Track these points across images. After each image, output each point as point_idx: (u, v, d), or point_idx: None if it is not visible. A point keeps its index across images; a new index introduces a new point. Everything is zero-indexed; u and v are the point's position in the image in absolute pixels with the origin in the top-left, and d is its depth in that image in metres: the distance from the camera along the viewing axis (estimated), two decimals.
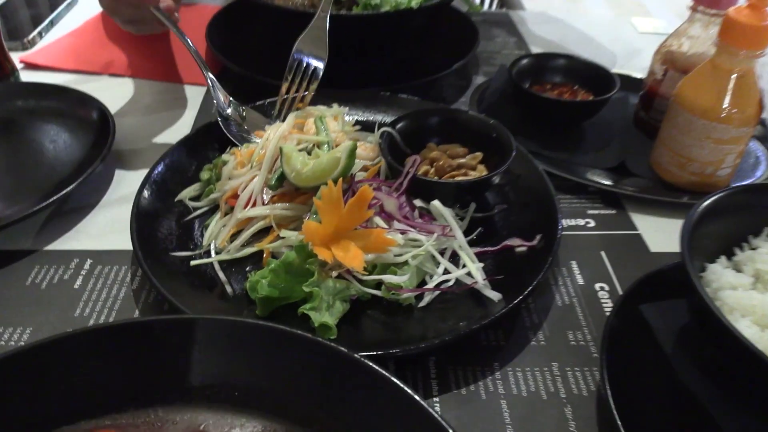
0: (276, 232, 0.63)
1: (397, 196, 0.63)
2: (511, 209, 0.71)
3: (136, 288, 0.63)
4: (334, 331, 0.54)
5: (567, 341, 0.59)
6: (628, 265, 0.68)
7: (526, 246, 0.64)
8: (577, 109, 0.86)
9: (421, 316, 0.58)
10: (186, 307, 0.54)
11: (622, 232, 0.73)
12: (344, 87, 0.88)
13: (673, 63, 0.84)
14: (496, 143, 0.72)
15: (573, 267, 0.68)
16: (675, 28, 0.86)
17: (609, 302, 0.64)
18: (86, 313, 0.60)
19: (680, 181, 0.78)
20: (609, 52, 1.15)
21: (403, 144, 0.73)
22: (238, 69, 0.94)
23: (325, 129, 0.68)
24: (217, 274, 0.61)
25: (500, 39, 1.17)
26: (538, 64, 0.93)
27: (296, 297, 0.57)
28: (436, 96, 0.97)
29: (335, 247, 0.57)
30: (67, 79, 0.97)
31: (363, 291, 0.57)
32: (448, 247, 0.63)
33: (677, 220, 0.75)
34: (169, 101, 0.94)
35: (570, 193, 0.79)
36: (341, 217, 0.57)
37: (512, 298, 0.57)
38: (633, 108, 0.95)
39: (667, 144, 0.78)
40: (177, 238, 0.65)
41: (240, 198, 0.64)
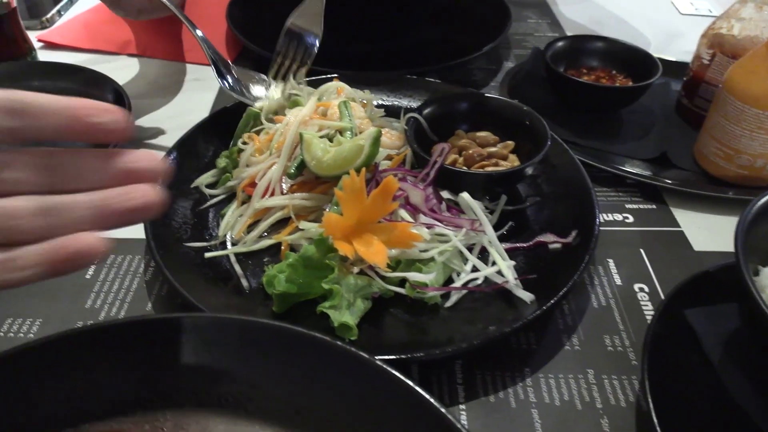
0: (295, 223, 0.60)
1: (423, 188, 0.59)
2: (544, 202, 0.67)
3: (149, 279, 0.60)
4: (354, 332, 0.50)
5: (604, 346, 0.55)
6: (670, 265, 0.64)
7: (561, 243, 0.60)
8: (615, 95, 0.81)
9: (447, 316, 0.54)
10: (199, 302, 0.51)
11: (663, 229, 0.68)
12: (368, 69, 0.84)
13: (721, 47, 0.79)
14: (529, 131, 0.68)
15: (610, 266, 0.63)
16: (722, 10, 0.80)
17: (649, 305, 0.59)
18: (97, 304, 0.57)
19: (726, 175, 0.73)
20: (648, 35, 1.09)
21: (429, 131, 0.69)
22: (258, 49, 0.90)
23: (350, 114, 0.65)
24: (233, 267, 0.58)
25: (533, 20, 1.12)
26: (574, 46, 0.88)
27: (315, 293, 0.54)
28: (464, 80, 0.92)
29: (357, 241, 0.54)
30: (84, 59, 0.94)
31: (386, 288, 0.54)
32: (476, 243, 0.59)
33: (723, 216, 0.70)
34: (187, 82, 0.91)
35: (606, 186, 0.74)
36: (364, 209, 0.54)
37: (546, 300, 0.53)
38: (674, 95, 0.89)
39: (713, 134, 0.73)
40: (192, 227, 0.62)
41: (258, 187, 0.61)
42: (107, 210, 0.35)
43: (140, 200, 0.35)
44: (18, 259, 0.33)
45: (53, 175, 0.34)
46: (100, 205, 0.35)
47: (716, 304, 0.56)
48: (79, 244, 0.34)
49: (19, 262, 0.33)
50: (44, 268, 0.34)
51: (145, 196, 0.35)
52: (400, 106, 0.80)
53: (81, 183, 0.34)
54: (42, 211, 0.33)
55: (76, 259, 0.34)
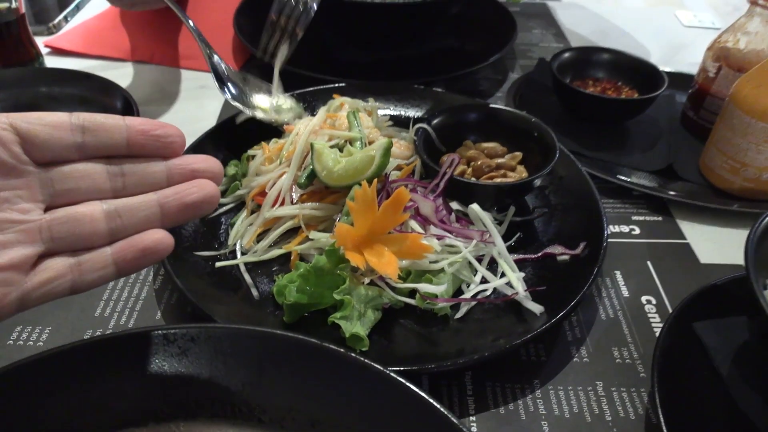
0: (305, 233, 0.60)
1: (433, 198, 0.59)
2: (551, 214, 0.67)
3: (159, 288, 0.60)
4: (366, 343, 0.50)
5: (612, 359, 0.55)
6: (677, 277, 0.64)
7: (569, 254, 0.60)
8: (622, 107, 0.81)
9: (457, 327, 0.55)
10: (209, 311, 0.51)
11: (670, 241, 0.69)
12: (375, 79, 0.84)
13: (727, 60, 0.79)
14: (537, 142, 0.68)
15: (617, 278, 0.64)
16: (725, 23, 0.81)
17: (656, 317, 0.60)
18: (107, 313, 0.57)
19: (732, 187, 0.74)
20: (652, 46, 1.10)
21: (438, 141, 0.69)
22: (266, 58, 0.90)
23: (359, 124, 0.65)
24: (243, 276, 0.58)
25: (538, 31, 1.12)
26: (580, 58, 0.88)
27: (326, 304, 0.54)
28: (470, 90, 0.93)
29: (368, 252, 0.54)
30: (92, 65, 0.95)
31: (396, 299, 0.54)
32: (486, 254, 0.59)
33: (728, 229, 0.71)
34: (194, 90, 0.91)
35: (612, 197, 0.75)
36: (375, 219, 0.54)
37: (555, 312, 0.53)
38: (679, 107, 0.90)
39: (719, 147, 0.73)
40: (201, 236, 0.62)
41: (268, 196, 0.61)
42: (170, 207, 0.37)
43: (199, 194, 0.38)
44: (90, 261, 0.36)
45: (118, 181, 0.37)
46: (163, 202, 0.37)
47: (724, 317, 0.56)
48: (147, 241, 0.37)
49: (91, 264, 0.36)
50: (115, 267, 0.37)
51: (203, 191, 0.38)
52: (407, 116, 0.80)
53: (144, 187, 0.38)
54: (109, 215, 0.36)
55: (146, 255, 0.37)
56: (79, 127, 0.36)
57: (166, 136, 0.38)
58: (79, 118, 0.37)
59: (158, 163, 0.38)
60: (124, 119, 0.38)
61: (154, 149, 0.39)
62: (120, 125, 0.37)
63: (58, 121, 0.36)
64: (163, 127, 0.39)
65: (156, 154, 0.39)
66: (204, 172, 0.39)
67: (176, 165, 0.38)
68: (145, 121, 0.38)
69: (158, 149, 0.39)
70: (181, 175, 0.38)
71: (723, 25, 1.17)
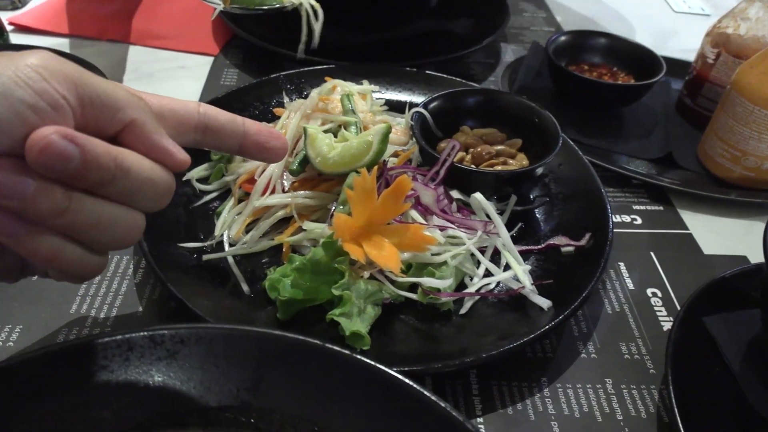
0: (297, 223, 0.56)
1: (434, 187, 0.56)
2: (553, 203, 0.65)
3: (140, 282, 0.56)
4: (367, 341, 0.47)
5: (620, 354, 0.53)
6: (681, 269, 0.62)
7: (574, 246, 0.58)
8: (620, 92, 0.79)
9: (460, 323, 0.52)
10: (196, 308, 0.48)
11: (672, 231, 0.67)
12: (364, 60, 0.81)
13: (726, 46, 0.78)
14: (538, 129, 0.65)
15: (621, 269, 0.62)
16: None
17: (663, 310, 0.58)
18: (83, 309, 0.53)
19: (731, 176, 0.72)
20: (642, 32, 1.08)
21: (434, 126, 0.66)
22: (249, 37, 0.86)
23: (353, 108, 0.61)
24: (231, 270, 0.54)
25: (528, 13, 1.09)
26: (576, 42, 0.86)
27: (322, 299, 0.50)
28: (461, 74, 0.89)
29: (367, 244, 0.50)
30: (61, 43, 0.89)
31: (397, 294, 0.51)
32: (489, 245, 0.56)
33: (730, 219, 0.69)
34: (172, 71, 0.86)
35: (612, 186, 0.72)
36: (374, 209, 0.51)
37: (563, 308, 0.51)
38: (674, 93, 0.88)
39: (719, 135, 0.72)
40: (185, 226, 0.58)
41: (257, 183, 0.57)
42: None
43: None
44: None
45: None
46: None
47: (734, 310, 0.55)
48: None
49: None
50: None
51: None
52: (399, 100, 0.77)
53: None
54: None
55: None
56: (202, 126, 0.40)
57: (276, 148, 0.44)
58: (206, 115, 0.40)
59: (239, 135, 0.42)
60: (243, 123, 0.42)
61: (258, 154, 0.44)
62: (238, 133, 0.42)
63: (185, 115, 0.39)
64: (276, 138, 0.43)
65: (257, 157, 0.44)
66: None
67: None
68: (260, 130, 0.43)
69: (261, 155, 0.44)
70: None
71: (713, 12, 1.17)
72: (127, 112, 0.35)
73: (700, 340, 0.52)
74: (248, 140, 0.42)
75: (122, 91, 0.35)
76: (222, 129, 0.41)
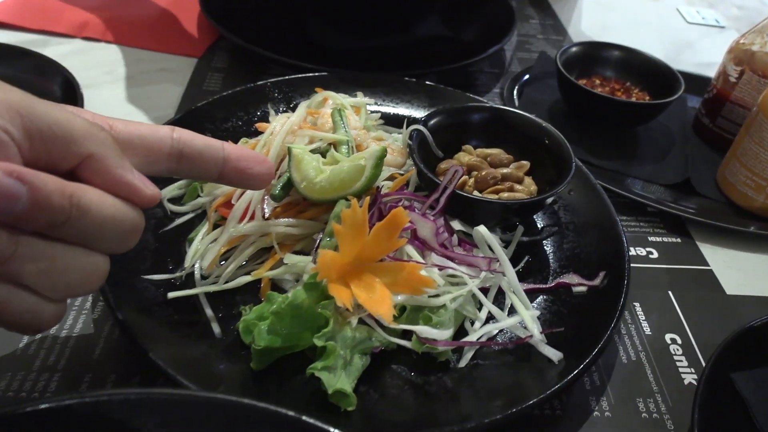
0: (278, 255, 0.50)
1: (433, 218, 0.50)
2: (563, 234, 0.59)
3: (98, 318, 0.49)
4: (352, 401, 0.41)
5: (638, 412, 0.47)
6: (702, 311, 0.56)
7: (587, 285, 0.52)
8: (637, 111, 0.73)
9: (460, 376, 0.46)
10: (159, 356, 0.41)
11: (691, 267, 0.61)
12: (359, 68, 0.74)
13: (751, 64, 0.72)
14: (548, 151, 0.59)
15: (637, 311, 0.56)
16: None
17: (683, 360, 0.52)
18: (32, 349, 0.47)
19: (753, 206, 0.66)
20: (655, 44, 1.02)
21: (434, 146, 0.59)
22: (236, 39, 0.79)
23: (345, 125, 0.55)
24: (202, 308, 0.48)
25: (535, 21, 1.03)
26: (587, 53, 0.80)
27: (303, 346, 0.44)
28: (465, 85, 0.84)
29: (356, 285, 0.44)
30: (30, 40, 0.82)
31: (388, 341, 0.45)
32: (492, 285, 0.50)
33: (752, 254, 0.64)
34: (151, 73, 0.80)
35: (626, 214, 0.67)
36: (365, 244, 0.45)
37: (576, 361, 0.45)
38: (691, 111, 0.82)
39: (742, 161, 0.66)
40: (153, 253, 0.52)
41: (234, 208, 0.51)
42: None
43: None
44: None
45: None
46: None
47: (765, 365, 0.49)
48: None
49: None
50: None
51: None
52: (396, 113, 0.70)
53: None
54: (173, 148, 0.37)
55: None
56: (176, 153, 0.36)
57: (261, 174, 0.40)
58: (180, 141, 0.36)
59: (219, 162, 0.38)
60: (223, 148, 0.38)
61: (240, 182, 0.40)
62: (217, 159, 0.38)
63: (157, 142, 0.36)
64: (261, 164, 0.40)
65: (239, 185, 0.41)
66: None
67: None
68: (242, 154, 0.39)
69: (244, 182, 0.40)
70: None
71: (727, 24, 1.11)
72: (84, 145, 0.31)
73: (728, 400, 0.46)
74: (229, 167, 0.38)
75: (78, 120, 0.31)
76: (199, 156, 0.37)
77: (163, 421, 0.33)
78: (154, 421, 0.33)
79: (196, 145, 0.37)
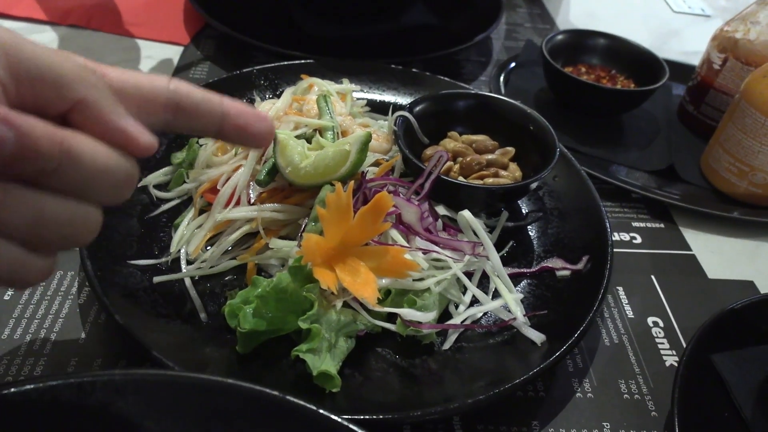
0: (264, 239, 0.50)
1: (417, 203, 0.50)
2: (547, 219, 0.59)
3: (84, 303, 0.50)
4: (337, 382, 0.42)
5: (619, 393, 0.48)
6: (685, 295, 0.57)
7: (571, 270, 0.53)
8: (622, 98, 0.74)
9: (444, 358, 0.46)
10: (145, 339, 0.42)
11: (674, 252, 0.62)
12: (345, 56, 0.74)
13: (734, 52, 0.72)
14: (532, 138, 0.60)
15: (620, 295, 0.56)
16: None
17: (665, 342, 0.53)
18: (17, 334, 0.47)
19: (736, 192, 0.67)
20: (641, 32, 1.02)
21: (420, 132, 0.60)
22: (222, 27, 0.79)
23: (330, 111, 0.55)
24: (188, 292, 0.48)
25: (523, 10, 1.04)
26: (573, 42, 0.81)
27: (288, 329, 0.45)
28: (452, 72, 0.84)
29: (340, 269, 0.45)
30: (15, 27, 0.81)
31: (373, 324, 0.45)
32: (477, 269, 0.51)
33: (734, 239, 0.65)
34: (137, 61, 0.79)
35: (610, 200, 0.67)
36: (349, 229, 0.45)
37: (558, 343, 0.45)
38: (676, 99, 0.83)
39: (725, 147, 0.67)
40: (138, 238, 0.52)
41: (220, 194, 0.51)
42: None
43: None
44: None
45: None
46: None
47: (745, 346, 0.50)
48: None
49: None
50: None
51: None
52: (382, 100, 0.71)
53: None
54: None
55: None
56: (173, 105, 0.34)
57: (261, 132, 0.37)
58: (177, 93, 0.34)
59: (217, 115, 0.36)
60: (222, 103, 0.36)
61: (239, 139, 0.37)
62: (216, 114, 0.35)
63: (153, 92, 0.34)
64: (262, 120, 0.37)
65: (239, 142, 0.39)
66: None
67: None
68: (242, 110, 0.36)
69: (244, 140, 0.37)
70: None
71: (713, 13, 1.12)
72: (75, 89, 0.30)
73: (708, 381, 0.47)
74: (228, 122, 0.36)
75: (70, 63, 0.30)
76: (196, 108, 0.35)
77: (148, 401, 0.33)
78: (139, 401, 0.33)
79: (194, 97, 0.35)
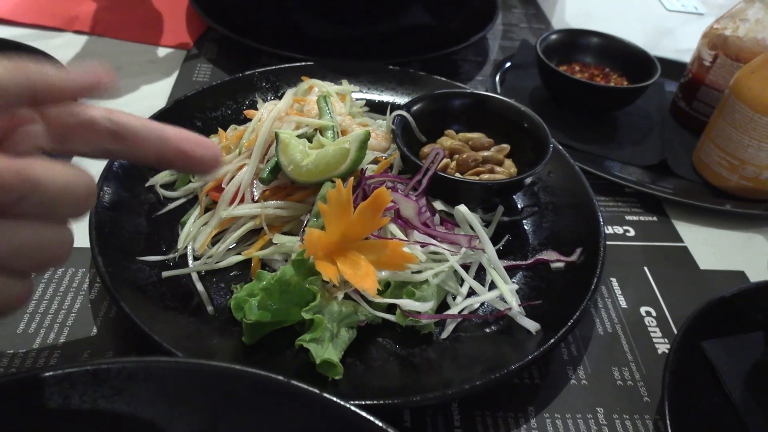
0: (267, 236, 0.52)
1: (415, 198, 0.52)
2: (542, 213, 0.61)
3: (95, 298, 0.51)
4: (339, 370, 0.43)
5: (612, 380, 0.50)
6: (677, 286, 0.59)
7: (565, 261, 0.54)
8: (615, 95, 0.75)
9: (442, 347, 0.48)
10: (154, 332, 0.43)
11: (667, 244, 0.64)
12: (343, 57, 0.76)
13: (724, 48, 0.74)
14: (527, 135, 0.61)
15: (614, 285, 0.58)
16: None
17: (657, 331, 0.54)
18: (32, 328, 0.49)
19: (727, 185, 0.69)
20: (635, 31, 1.04)
21: (417, 130, 0.62)
22: (224, 31, 0.81)
23: (330, 111, 0.57)
24: (195, 287, 0.50)
25: (518, 10, 1.05)
26: (567, 41, 0.82)
27: (292, 321, 0.46)
28: (449, 72, 0.85)
29: (341, 262, 0.46)
30: (23, 34, 0.83)
31: (373, 315, 0.47)
32: (473, 262, 0.52)
33: (725, 231, 0.66)
34: (142, 65, 0.81)
35: (604, 195, 0.69)
36: (350, 223, 0.47)
37: (552, 331, 0.47)
38: (669, 96, 0.85)
39: (716, 142, 0.68)
40: (146, 236, 0.54)
41: (225, 192, 0.53)
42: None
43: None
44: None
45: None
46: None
47: (735, 333, 0.51)
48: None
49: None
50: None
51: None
52: (381, 100, 0.72)
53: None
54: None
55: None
56: (111, 134, 0.33)
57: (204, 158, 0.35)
58: (116, 123, 0.33)
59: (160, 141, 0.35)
60: (162, 129, 0.35)
61: (182, 165, 0.36)
62: (157, 139, 0.34)
63: (90, 121, 0.33)
64: (205, 147, 0.36)
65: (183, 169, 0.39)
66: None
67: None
68: (183, 136, 0.35)
69: (187, 166, 0.36)
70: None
71: (707, 11, 1.13)
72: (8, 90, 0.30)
73: (699, 367, 0.49)
74: (169, 149, 0.35)
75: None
76: (135, 135, 0.34)
77: (159, 387, 0.35)
78: (151, 387, 0.35)
79: (133, 125, 0.34)
